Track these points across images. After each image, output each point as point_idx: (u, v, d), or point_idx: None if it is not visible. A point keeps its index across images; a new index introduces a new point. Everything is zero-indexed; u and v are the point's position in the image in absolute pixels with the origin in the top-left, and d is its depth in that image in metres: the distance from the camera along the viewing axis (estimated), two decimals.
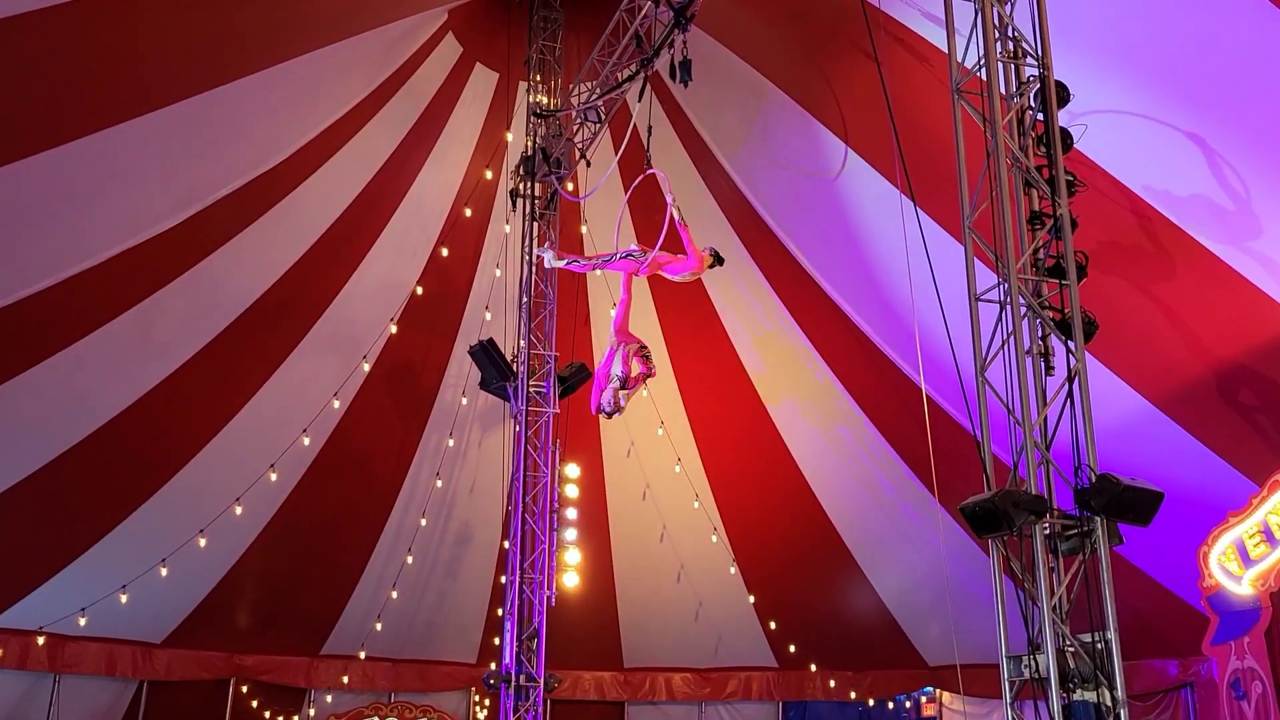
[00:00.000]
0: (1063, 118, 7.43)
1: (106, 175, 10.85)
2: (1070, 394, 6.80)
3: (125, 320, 12.24)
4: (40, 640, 14.60)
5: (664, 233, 9.40)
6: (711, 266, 9.67)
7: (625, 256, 9.84)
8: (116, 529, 13.81)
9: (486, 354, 12.98)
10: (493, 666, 13.81)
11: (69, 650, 14.95)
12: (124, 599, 14.25)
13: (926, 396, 9.67)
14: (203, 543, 14.13)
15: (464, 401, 15.11)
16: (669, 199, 9.46)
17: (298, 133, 12.14)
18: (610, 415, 9.92)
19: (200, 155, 11.49)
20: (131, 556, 14.02)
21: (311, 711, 16.84)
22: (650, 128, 10.47)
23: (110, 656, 15.36)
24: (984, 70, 7.40)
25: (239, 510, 14.16)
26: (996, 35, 7.51)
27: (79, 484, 13.19)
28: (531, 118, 13.11)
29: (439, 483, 15.49)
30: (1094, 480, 6.46)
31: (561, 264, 10.65)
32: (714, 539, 15.82)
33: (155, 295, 12.33)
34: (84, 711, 15.37)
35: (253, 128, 11.73)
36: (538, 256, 10.33)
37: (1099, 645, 6.32)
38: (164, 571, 14.19)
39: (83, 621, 14.46)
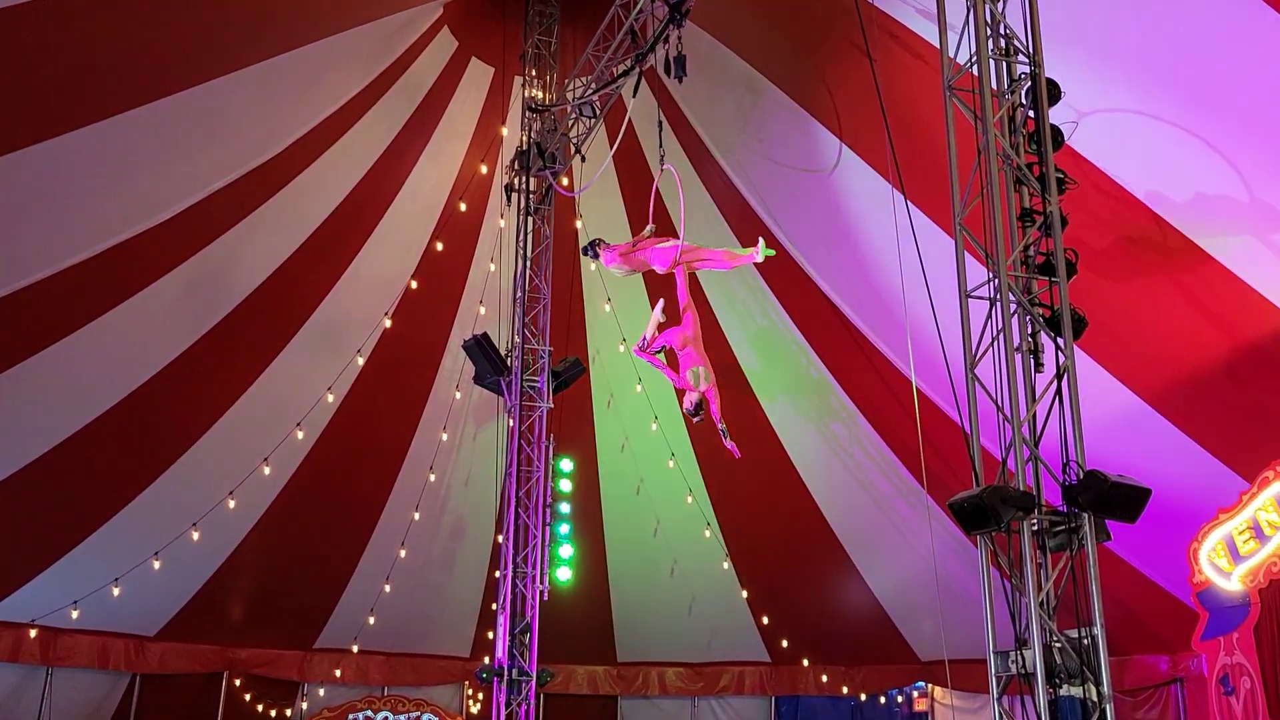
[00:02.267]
0: (1053, 115, 7.44)
1: (101, 168, 10.85)
2: (1059, 390, 6.83)
3: (119, 313, 12.24)
4: (33, 633, 14.63)
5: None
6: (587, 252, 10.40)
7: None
8: (109, 522, 13.83)
9: (481, 348, 12.97)
10: (486, 660, 13.85)
11: (61, 643, 14.98)
12: (117, 592, 14.28)
13: (918, 392, 9.69)
14: (196, 536, 14.16)
15: (458, 396, 15.12)
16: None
17: (293, 126, 12.14)
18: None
19: (195, 148, 11.49)
20: (124, 549, 14.05)
21: (304, 705, 16.88)
22: (661, 122, 10.55)
23: (103, 649, 15.40)
24: (976, 67, 7.42)
25: (232, 504, 14.19)
26: (988, 32, 7.52)
27: (72, 477, 13.20)
28: (526, 112, 13.11)
29: (432, 477, 15.50)
30: (1082, 477, 6.48)
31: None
32: (707, 534, 15.85)
33: (149, 288, 12.33)
34: (76, 704, 15.40)
35: (247, 121, 11.72)
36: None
37: (1085, 641, 6.34)
38: (157, 565, 14.22)
39: (75, 614, 14.48)
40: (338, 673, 16.86)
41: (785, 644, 17.02)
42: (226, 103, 11.09)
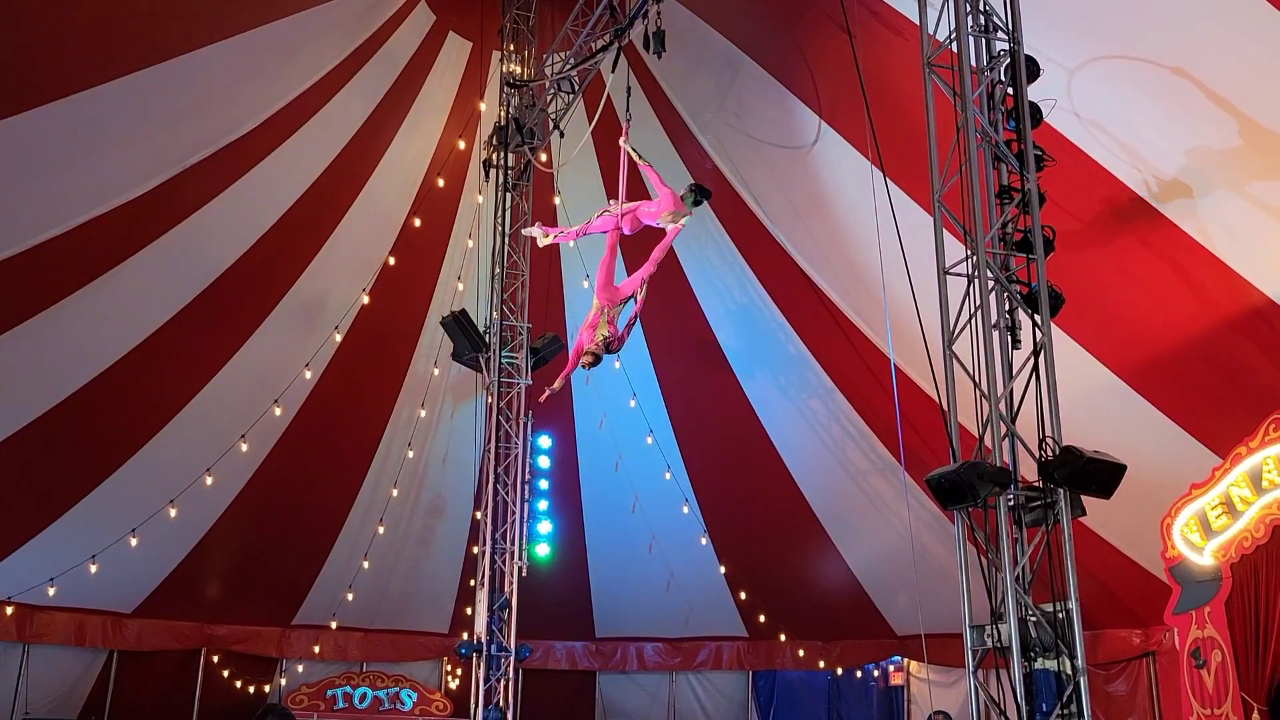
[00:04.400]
0: (1032, 92, 7.45)
1: (74, 142, 10.72)
2: (1036, 367, 6.86)
3: (94, 289, 12.13)
4: (9, 610, 14.55)
5: (623, 176, 9.64)
6: (696, 204, 9.73)
7: (601, 214, 9.93)
8: (86, 498, 13.75)
9: (459, 325, 12.96)
10: (464, 636, 13.88)
11: (38, 620, 14.91)
12: (94, 569, 14.20)
13: (895, 368, 9.73)
14: (173, 513, 14.10)
15: (436, 372, 15.09)
16: (624, 141, 9.73)
17: (269, 100, 12.04)
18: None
19: (169, 122, 11.37)
20: (101, 526, 13.97)
21: (283, 681, 16.89)
22: (629, 89, 10.48)
23: (80, 626, 15.35)
24: (955, 44, 7.42)
25: (210, 480, 14.13)
26: (968, 9, 7.51)
27: (47, 453, 13.11)
28: (505, 88, 13.04)
29: (411, 453, 15.49)
30: (1058, 453, 6.52)
31: (550, 239, 10.63)
32: (685, 510, 15.90)
33: (125, 263, 12.21)
34: (53, 681, 15.38)
35: (224, 94, 11.61)
36: (528, 235, 10.73)
37: (1060, 615, 6.40)
38: (134, 541, 14.15)
39: (52, 591, 14.42)
40: (316, 649, 16.88)
41: (763, 619, 17.12)
42: (201, 76, 10.97)
